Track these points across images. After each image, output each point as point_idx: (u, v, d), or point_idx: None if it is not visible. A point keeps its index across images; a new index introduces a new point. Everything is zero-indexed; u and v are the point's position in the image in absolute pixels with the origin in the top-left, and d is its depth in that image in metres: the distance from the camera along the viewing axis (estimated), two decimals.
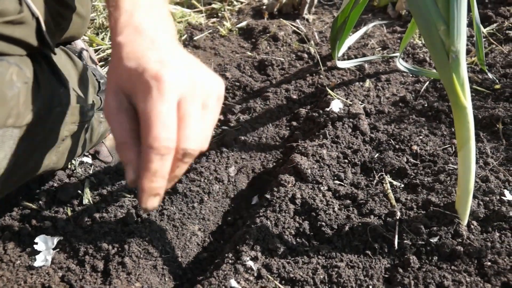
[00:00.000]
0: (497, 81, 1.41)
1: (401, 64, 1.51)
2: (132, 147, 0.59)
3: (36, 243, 1.00)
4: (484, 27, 1.73)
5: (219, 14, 2.09)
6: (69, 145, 1.00)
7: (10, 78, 0.76)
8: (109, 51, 1.80)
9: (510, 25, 1.71)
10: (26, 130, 0.81)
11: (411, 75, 1.52)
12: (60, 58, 1.00)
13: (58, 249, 1.01)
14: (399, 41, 1.73)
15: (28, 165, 0.86)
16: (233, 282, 0.89)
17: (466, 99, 0.85)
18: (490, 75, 1.43)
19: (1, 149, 0.76)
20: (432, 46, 0.84)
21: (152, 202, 0.58)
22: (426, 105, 1.36)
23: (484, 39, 1.66)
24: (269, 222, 0.99)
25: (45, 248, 0.99)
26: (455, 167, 1.10)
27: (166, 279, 0.99)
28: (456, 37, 0.81)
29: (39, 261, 0.98)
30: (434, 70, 1.50)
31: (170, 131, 0.56)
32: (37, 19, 0.83)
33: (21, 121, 0.78)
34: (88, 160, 1.22)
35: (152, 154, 0.56)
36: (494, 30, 1.71)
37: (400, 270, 0.90)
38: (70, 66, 1.04)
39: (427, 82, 1.46)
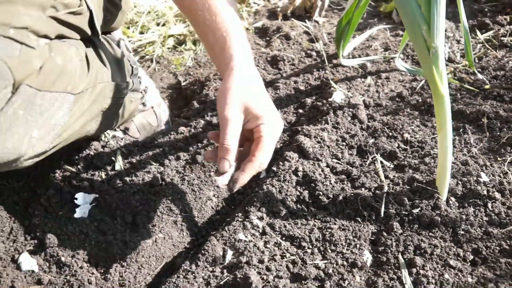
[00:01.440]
0: (487, 81, 1.56)
1: (400, 64, 1.67)
2: (235, 152, 0.94)
3: (76, 199, 1.18)
4: (481, 34, 1.88)
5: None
6: (106, 117, 1.18)
7: (70, 55, 0.96)
8: (138, 42, 1.99)
9: (505, 32, 1.86)
10: (78, 98, 1.00)
11: (409, 74, 1.68)
12: (103, 44, 1.19)
13: (94, 204, 1.18)
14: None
15: (75, 127, 1.04)
16: (241, 236, 1.06)
17: (444, 88, 1.01)
18: (480, 76, 1.58)
19: (61, 109, 0.95)
20: (416, 43, 1.00)
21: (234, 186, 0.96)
22: (420, 100, 1.51)
23: (480, 45, 1.81)
24: (274, 189, 1.16)
25: (83, 203, 1.17)
26: None
27: (184, 234, 1.16)
28: (435, 36, 0.97)
29: (78, 213, 1.16)
30: None
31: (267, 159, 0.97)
32: (91, 12, 1.03)
33: (76, 90, 0.97)
34: (120, 134, 1.40)
35: (251, 167, 0.95)
36: (490, 36, 1.86)
37: (385, 234, 1.06)
38: (110, 52, 1.21)
39: (423, 81, 1.61)
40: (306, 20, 2.14)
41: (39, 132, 0.93)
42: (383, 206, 1.11)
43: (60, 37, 0.99)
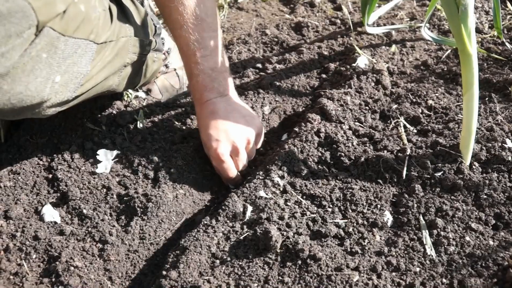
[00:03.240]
0: None
1: (426, 33, 1.63)
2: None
3: (98, 155, 1.19)
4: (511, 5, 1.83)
5: None
6: (129, 73, 1.18)
7: (94, 4, 0.96)
8: None
9: None
10: (100, 48, 1.00)
11: (435, 44, 1.65)
12: (127, 1, 1.18)
13: (116, 160, 1.19)
14: None
15: (97, 78, 1.05)
16: (262, 193, 1.06)
17: (472, 47, 0.99)
18: (508, 46, 1.55)
19: (84, 57, 0.95)
20: (445, 1, 0.98)
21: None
22: (445, 69, 1.49)
23: (510, 16, 1.76)
24: (296, 149, 1.16)
25: (105, 159, 1.18)
26: None
27: (204, 191, 1.17)
28: None
29: (100, 168, 1.17)
30: None
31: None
32: None
33: (98, 39, 0.98)
34: (142, 95, 1.40)
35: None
36: None
37: (406, 196, 1.05)
38: (134, 9, 1.21)
39: (449, 50, 1.58)
40: None
41: (62, 78, 0.94)
42: (405, 168, 1.10)
43: None
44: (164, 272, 0.93)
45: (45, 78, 0.90)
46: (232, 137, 1.14)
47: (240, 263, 0.94)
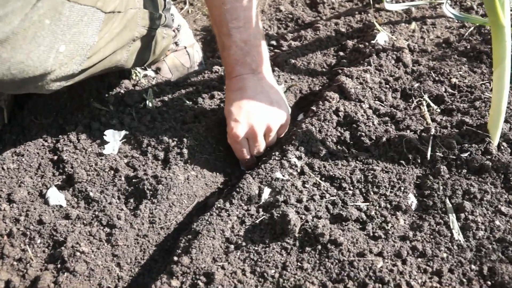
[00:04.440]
0: None
1: (447, 10, 1.56)
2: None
3: (105, 135, 1.13)
4: None
5: None
6: (138, 48, 1.12)
7: None
8: None
9: None
10: (108, 19, 0.94)
11: (457, 21, 1.57)
12: None
13: (124, 141, 1.14)
14: None
15: (105, 51, 0.99)
16: (278, 174, 1.00)
17: (505, 18, 0.92)
18: None
19: (91, 26, 0.89)
20: None
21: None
22: (468, 47, 1.41)
23: None
24: (313, 129, 1.09)
25: (113, 139, 1.13)
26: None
27: (217, 173, 1.11)
28: None
29: (107, 149, 1.11)
30: (481, 17, 1.54)
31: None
32: None
33: (106, 7, 0.92)
34: (151, 73, 1.34)
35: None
36: None
37: (431, 177, 0.99)
38: None
39: (472, 28, 1.51)
40: None
41: (67, 48, 0.87)
42: (429, 149, 1.03)
43: None
44: (175, 258, 0.88)
45: (48, 46, 0.84)
46: (253, 121, 1.08)
47: (256, 248, 0.88)
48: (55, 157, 1.12)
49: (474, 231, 0.88)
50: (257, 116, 1.08)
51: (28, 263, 0.93)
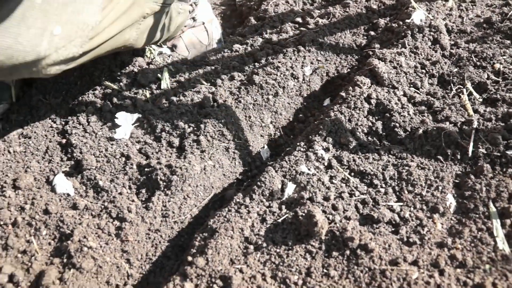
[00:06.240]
0: None
1: None
2: None
3: (117, 118, 1.05)
4: None
5: None
6: (149, 25, 1.03)
7: None
8: None
9: None
10: None
11: None
12: None
13: (136, 125, 1.06)
14: None
15: (110, 31, 0.90)
16: (303, 168, 0.92)
17: None
18: None
19: (92, 4, 0.81)
20: None
21: None
22: None
23: None
24: (343, 117, 1.01)
25: (125, 123, 1.05)
26: None
27: (236, 163, 1.03)
28: None
29: (119, 134, 1.04)
30: None
31: None
32: None
33: None
34: (167, 51, 1.25)
35: None
36: None
37: (472, 177, 0.90)
38: None
39: None
40: None
41: (64, 29, 0.78)
42: (471, 144, 0.94)
43: None
44: (189, 258, 0.81)
45: (40, 29, 0.75)
46: None
47: (278, 250, 0.81)
48: (64, 140, 1.05)
49: None
50: None
51: (33, 256, 0.86)
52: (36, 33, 0.74)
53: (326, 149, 0.97)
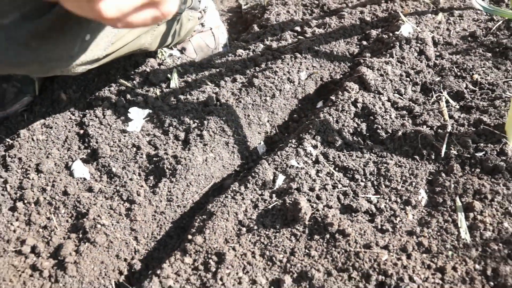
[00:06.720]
0: None
1: (476, 2, 1.54)
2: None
3: (129, 113, 1.17)
4: None
5: None
6: (162, 31, 1.14)
7: None
8: None
9: None
10: None
11: (485, 14, 1.55)
12: None
13: (147, 119, 1.18)
14: None
15: (129, 36, 1.02)
16: (293, 162, 1.03)
17: None
18: None
19: None
20: None
21: None
22: (495, 41, 1.40)
23: None
24: (331, 118, 1.12)
25: (136, 117, 1.17)
26: None
27: (235, 156, 1.14)
28: None
29: (131, 127, 1.15)
30: (510, 11, 1.52)
31: None
32: None
33: None
34: (176, 53, 1.37)
35: None
36: None
37: (443, 175, 1.00)
38: None
39: (500, 22, 1.49)
40: None
41: (92, 36, 0.91)
42: (444, 146, 1.05)
43: None
44: (189, 236, 0.92)
45: (74, 36, 0.87)
46: None
47: (267, 232, 0.92)
48: (82, 131, 1.17)
49: (481, 231, 0.89)
50: None
51: (53, 231, 0.98)
52: (70, 39, 0.87)
53: (315, 146, 1.08)
